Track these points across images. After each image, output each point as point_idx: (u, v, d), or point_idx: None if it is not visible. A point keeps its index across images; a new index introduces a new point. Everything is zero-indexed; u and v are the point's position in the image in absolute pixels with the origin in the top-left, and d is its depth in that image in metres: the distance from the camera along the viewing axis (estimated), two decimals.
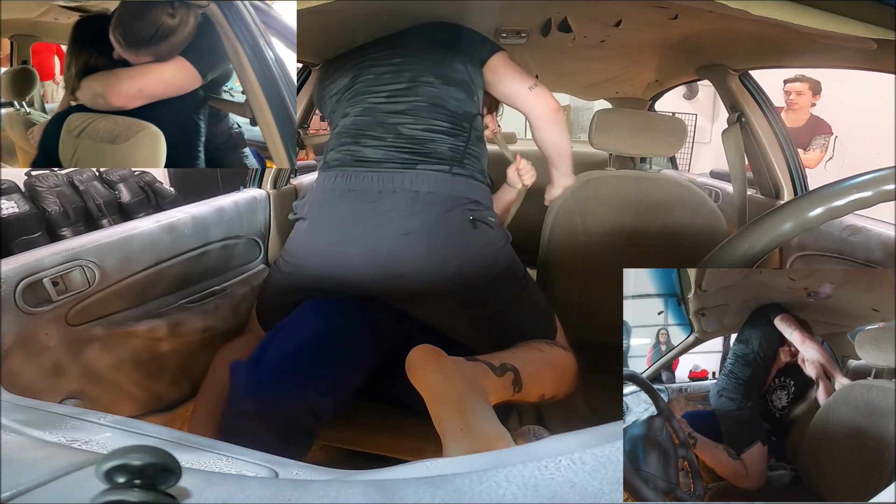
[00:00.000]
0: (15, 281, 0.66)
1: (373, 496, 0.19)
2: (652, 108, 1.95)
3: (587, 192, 1.12)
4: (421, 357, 0.62)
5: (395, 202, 0.80)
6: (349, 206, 0.82)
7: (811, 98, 2.38)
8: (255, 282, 1.13)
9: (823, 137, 2.40)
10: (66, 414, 0.36)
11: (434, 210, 0.81)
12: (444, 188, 0.83)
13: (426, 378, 0.59)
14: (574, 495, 0.17)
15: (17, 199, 2.42)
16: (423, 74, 0.89)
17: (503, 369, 0.68)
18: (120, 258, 0.80)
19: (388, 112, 0.87)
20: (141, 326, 0.85)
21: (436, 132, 0.86)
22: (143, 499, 0.18)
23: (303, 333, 0.77)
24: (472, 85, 0.93)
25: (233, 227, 1.07)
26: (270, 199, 1.21)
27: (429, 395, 0.58)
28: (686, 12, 0.95)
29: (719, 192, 1.50)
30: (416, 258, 0.79)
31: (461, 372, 0.62)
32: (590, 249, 1.09)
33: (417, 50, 0.92)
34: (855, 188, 0.48)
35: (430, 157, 0.85)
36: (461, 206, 0.83)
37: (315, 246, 0.84)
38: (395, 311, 0.84)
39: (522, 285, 0.87)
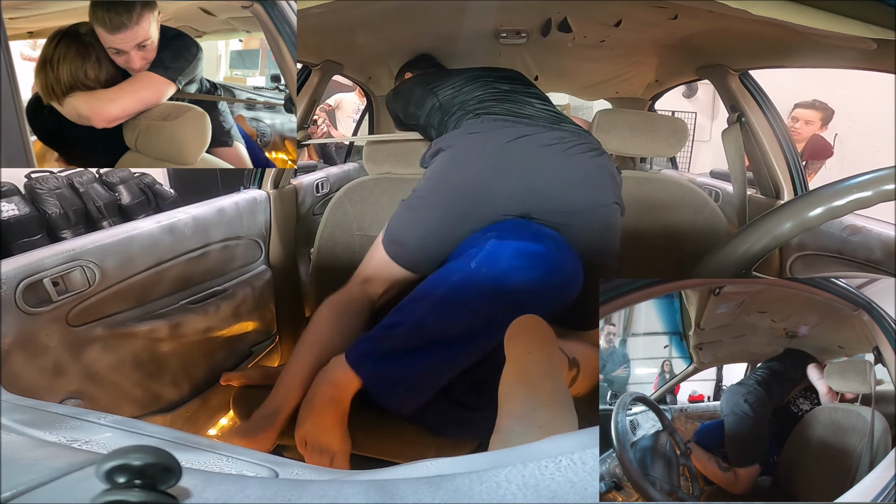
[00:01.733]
0: (15, 281, 0.66)
1: (373, 496, 0.19)
2: (652, 108, 1.95)
3: None
4: (530, 327, 0.61)
5: (562, 134, 0.90)
6: (512, 132, 0.90)
7: (818, 128, 2.24)
8: (256, 283, 1.13)
9: (820, 162, 2.29)
10: (66, 414, 0.36)
11: (593, 147, 0.92)
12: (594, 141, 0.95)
13: (530, 356, 0.58)
14: (574, 495, 0.17)
15: (17, 201, 2.41)
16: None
17: (573, 364, 0.69)
18: (120, 259, 0.80)
19: (526, 94, 1.03)
20: (141, 327, 0.85)
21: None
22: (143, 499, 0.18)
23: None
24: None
25: (233, 227, 1.07)
26: (271, 199, 1.21)
27: (520, 373, 0.56)
28: (686, 12, 0.95)
29: (719, 192, 1.50)
30: (574, 184, 0.87)
31: (555, 362, 0.61)
32: None
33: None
34: (855, 188, 0.48)
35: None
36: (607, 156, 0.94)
37: (470, 168, 0.89)
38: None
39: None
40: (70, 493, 0.20)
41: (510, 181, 0.86)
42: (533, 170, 0.87)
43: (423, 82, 1.17)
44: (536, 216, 0.87)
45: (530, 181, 0.86)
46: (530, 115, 0.96)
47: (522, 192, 0.86)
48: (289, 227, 1.30)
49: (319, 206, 1.53)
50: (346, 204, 1.23)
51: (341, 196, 1.24)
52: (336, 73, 1.46)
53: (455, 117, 1.01)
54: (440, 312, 0.73)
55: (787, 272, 1.13)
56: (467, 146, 0.90)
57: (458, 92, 1.07)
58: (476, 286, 0.72)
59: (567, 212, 0.86)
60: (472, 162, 0.89)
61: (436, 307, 0.73)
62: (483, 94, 1.03)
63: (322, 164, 2.68)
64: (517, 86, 1.07)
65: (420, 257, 0.89)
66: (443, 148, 0.93)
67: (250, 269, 1.15)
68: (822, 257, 1.06)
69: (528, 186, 0.86)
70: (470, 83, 1.08)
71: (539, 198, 0.86)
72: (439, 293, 0.74)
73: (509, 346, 0.59)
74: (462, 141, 0.92)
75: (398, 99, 1.26)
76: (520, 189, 0.86)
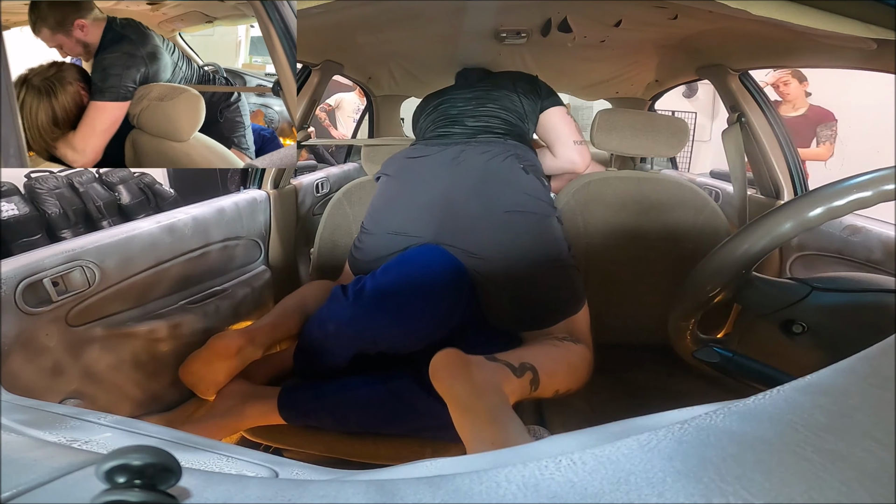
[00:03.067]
0: (15, 281, 0.66)
1: (373, 496, 0.19)
2: (652, 108, 1.95)
3: (589, 194, 1.12)
4: (446, 363, 0.63)
5: (465, 147, 0.99)
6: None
7: (800, 86, 2.33)
8: (255, 283, 1.13)
9: (828, 126, 2.34)
10: (66, 414, 0.36)
11: (496, 154, 0.97)
12: (496, 145, 1.00)
13: (453, 388, 0.60)
14: (574, 495, 0.17)
15: (16, 201, 2.41)
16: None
17: (522, 369, 0.69)
18: (120, 259, 0.80)
19: (463, 114, 1.12)
20: (141, 327, 0.85)
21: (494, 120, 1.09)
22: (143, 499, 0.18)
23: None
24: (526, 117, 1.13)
25: (233, 227, 1.07)
26: (270, 199, 1.21)
27: (456, 406, 0.59)
28: (686, 12, 0.95)
29: (719, 192, 1.50)
30: (469, 190, 0.92)
31: (486, 379, 0.62)
32: (592, 251, 1.09)
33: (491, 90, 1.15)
34: (855, 188, 0.48)
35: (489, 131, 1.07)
36: (511, 153, 0.97)
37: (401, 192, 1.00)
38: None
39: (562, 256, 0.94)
40: (70, 493, 0.20)
41: (416, 204, 0.94)
42: (437, 188, 0.94)
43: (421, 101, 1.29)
44: (442, 239, 0.90)
45: (431, 199, 0.93)
46: (453, 133, 1.08)
47: (425, 214, 0.92)
48: (289, 227, 1.30)
49: (319, 207, 1.53)
50: (345, 205, 1.23)
51: (340, 197, 1.24)
52: (336, 73, 1.46)
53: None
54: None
55: (787, 272, 1.13)
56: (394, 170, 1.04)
57: (424, 115, 1.21)
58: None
59: (465, 228, 0.89)
60: (390, 187, 1.01)
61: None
62: (431, 119, 1.17)
63: (311, 157, 2.68)
64: (468, 107, 1.13)
65: (367, 268, 0.95)
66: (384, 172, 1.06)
67: (250, 270, 1.15)
68: (822, 257, 1.06)
69: (428, 205, 0.93)
70: (433, 108, 1.19)
71: (438, 217, 0.91)
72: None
73: (435, 385, 0.62)
74: (390, 165, 1.06)
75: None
76: (422, 211, 0.93)
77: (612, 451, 0.20)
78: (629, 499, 0.17)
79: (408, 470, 0.25)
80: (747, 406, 0.21)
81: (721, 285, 0.58)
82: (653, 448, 0.19)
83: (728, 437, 0.19)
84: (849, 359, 0.23)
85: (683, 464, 0.18)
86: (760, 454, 0.17)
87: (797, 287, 0.59)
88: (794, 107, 2.38)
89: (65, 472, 0.22)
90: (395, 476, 0.22)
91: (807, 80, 2.34)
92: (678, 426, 0.20)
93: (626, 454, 0.19)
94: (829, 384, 0.21)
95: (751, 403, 0.21)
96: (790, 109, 2.38)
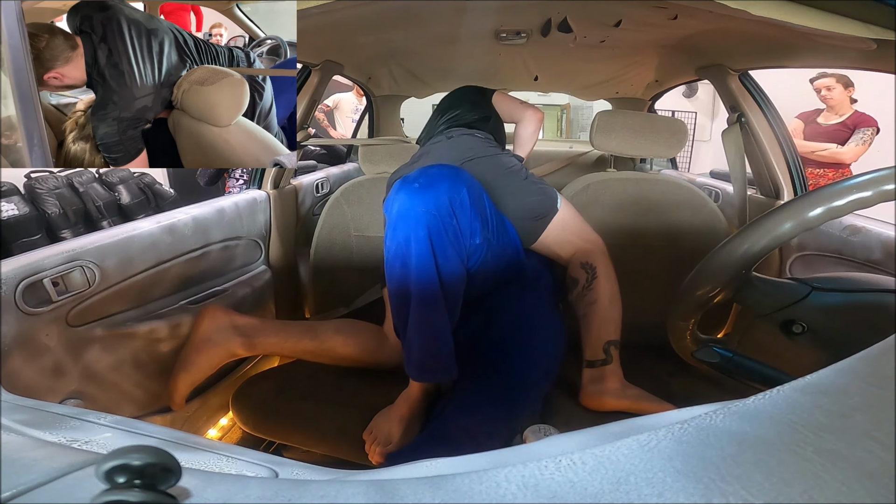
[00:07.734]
0: (15, 281, 0.66)
1: (373, 496, 0.19)
2: (652, 109, 1.95)
3: (588, 197, 1.12)
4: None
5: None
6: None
7: (844, 91, 2.25)
8: (255, 283, 1.13)
9: (863, 131, 2.27)
10: (66, 414, 0.36)
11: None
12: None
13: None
14: (574, 495, 0.17)
15: (16, 201, 2.41)
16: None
17: (610, 355, 0.88)
18: (120, 259, 0.80)
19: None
20: (141, 327, 0.85)
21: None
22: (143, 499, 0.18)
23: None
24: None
25: (233, 228, 1.07)
26: (270, 199, 1.21)
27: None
28: (686, 12, 0.95)
29: (719, 192, 1.50)
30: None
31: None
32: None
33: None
34: (855, 188, 0.48)
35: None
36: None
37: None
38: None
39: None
40: (70, 493, 0.20)
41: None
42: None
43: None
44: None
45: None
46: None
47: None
48: (289, 227, 1.30)
49: (319, 207, 1.53)
50: (343, 205, 1.23)
51: (338, 197, 1.24)
52: (336, 73, 1.46)
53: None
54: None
55: (787, 272, 1.13)
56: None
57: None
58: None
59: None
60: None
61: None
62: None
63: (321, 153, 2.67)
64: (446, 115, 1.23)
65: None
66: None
67: (250, 270, 1.15)
68: (822, 257, 1.06)
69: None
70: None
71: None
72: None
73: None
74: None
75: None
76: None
77: (612, 451, 0.20)
78: (629, 499, 0.17)
79: (407, 470, 0.25)
80: (747, 406, 0.21)
81: (721, 285, 0.58)
82: (653, 448, 0.19)
83: (728, 437, 0.19)
84: (849, 359, 0.23)
85: (683, 464, 0.18)
86: (760, 454, 0.17)
87: (797, 287, 0.59)
88: (837, 113, 2.30)
89: (65, 472, 0.22)
90: (395, 476, 0.22)
91: (853, 86, 2.25)
92: (678, 426, 0.20)
93: (626, 454, 0.19)
94: (829, 384, 0.21)
95: (751, 403, 0.21)
96: (833, 115, 2.31)
